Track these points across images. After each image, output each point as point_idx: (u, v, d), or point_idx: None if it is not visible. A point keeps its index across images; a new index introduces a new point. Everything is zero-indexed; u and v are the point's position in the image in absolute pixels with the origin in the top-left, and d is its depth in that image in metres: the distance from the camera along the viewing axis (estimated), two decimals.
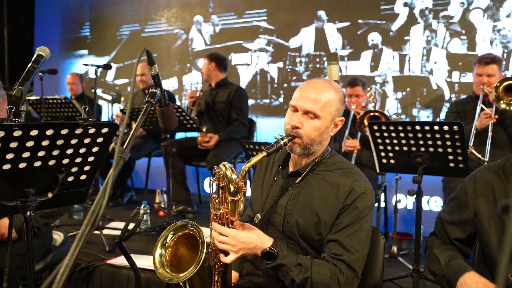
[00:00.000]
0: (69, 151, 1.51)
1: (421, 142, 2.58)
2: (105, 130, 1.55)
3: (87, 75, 6.08)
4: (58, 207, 2.06)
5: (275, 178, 1.75)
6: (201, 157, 4.25)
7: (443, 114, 4.04)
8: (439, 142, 2.54)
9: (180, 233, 1.61)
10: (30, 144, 1.39)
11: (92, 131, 1.51)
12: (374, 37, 4.48)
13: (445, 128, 2.49)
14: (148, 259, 2.83)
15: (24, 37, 7.09)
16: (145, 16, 5.97)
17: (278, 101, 5.08)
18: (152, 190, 4.89)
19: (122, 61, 6.17)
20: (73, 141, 1.50)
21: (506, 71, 3.93)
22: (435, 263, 1.67)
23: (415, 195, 2.75)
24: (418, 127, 2.56)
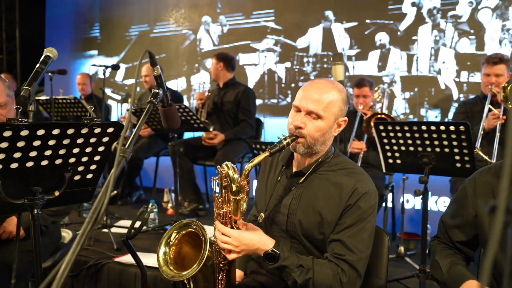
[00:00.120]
0: (75, 150, 1.54)
1: (427, 142, 2.57)
2: (110, 130, 1.58)
3: (96, 75, 6.14)
4: (65, 205, 2.10)
5: (279, 178, 1.76)
6: (209, 156, 4.27)
7: (452, 114, 4.01)
8: (445, 142, 2.53)
9: (184, 231, 1.63)
10: (37, 143, 1.42)
11: (97, 130, 1.54)
12: (382, 37, 4.46)
13: (451, 128, 2.48)
14: (155, 257, 2.84)
15: (35, 37, 7.19)
16: (154, 16, 6.01)
17: (285, 101, 5.08)
18: (160, 189, 4.93)
19: (131, 61, 6.23)
20: (79, 141, 1.52)
21: None
22: (437, 269, 1.66)
23: (422, 195, 2.73)
24: (424, 127, 2.55)
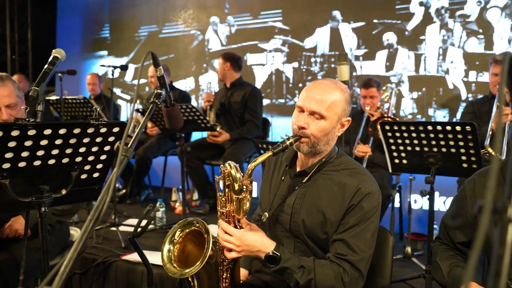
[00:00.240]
0: (81, 149, 1.57)
1: (433, 142, 2.56)
2: (116, 130, 1.61)
3: (106, 76, 6.21)
4: (73, 203, 2.13)
5: (282, 178, 1.77)
6: (216, 156, 4.29)
7: (460, 114, 3.99)
8: (451, 143, 2.52)
9: (188, 230, 1.65)
10: (44, 142, 1.45)
11: (103, 130, 1.57)
12: (389, 37, 4.44)
13: (457, 128, 2.47)
14: None
15: (47, 39, 7.30)
16: (162, 17, 6.06)
17: (293, 100, 5.09)
18: (168, 188, 4.97)
19: (140, 61, 6.27)
20: (86, 140, 1.56)
21: None
22: (438, 271, 1.67)
23: (428, 196, 2.72)
24: (430, 127, 2.54)
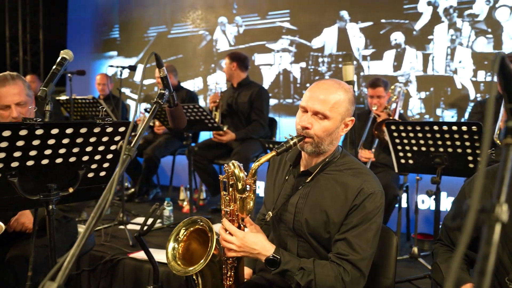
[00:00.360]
0: (88, 148, 1.61)
1: (439, 142, 2.56)
2: (122, 129, 1.64)
3: (116, 76, 6.27)
4: (80, 201, 2.17)
5: (286, 177, 1.78)
6: (223, 155, 4.31)
7: (468, 114, 3.96)
8: (458, 143, 2.52)
9: (192, 228, 1.67)
10: (51, 142, 1.49)
11: (109, 130, 1.60)
12: (397, 37, 4.43)
13: (463, 128, 2.46)
14: None
15: (58, 39, 7.40)
16: (171, 18, 6.10)
17: (300, 100, 5.08)
18: (176, 187, 5.01)
19: (149, 62, 6.31)
20: (92, 139, 1.59)
21: None
22: (437, 272, 1.67)
23: (434, 196, 2.72)
24: (436, 127, 2.53)
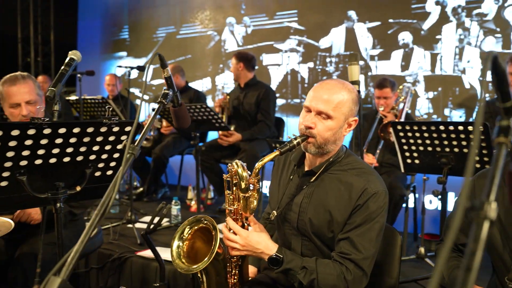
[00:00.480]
0: (95, 148, 1.64)
1: (445, 142, 2.56)
2: (128, 129, 1.67)
3: (125, 76, 6.32)
4: (87, 200, 2.21)
5: (291, 177, 1.79)
6: (231, 155, 4.33)
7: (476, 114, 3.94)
8: (464, 143, 2.51)
9: (196, 227, 1.70)
10: (59, 141, 1.52)
11: (116, 129, 1.63)
12: (405, 36, 4.41)
13: (469, 128, 2.46)
14: None
15: (68, 40, 7.49)
16: (180, 18, 6.15)
17: None
18: (184, 187, 5.04)
19: (158, 62, 6.36)
20: (99, 139, 1.62)
21: None
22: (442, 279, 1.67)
23: (440, 196, 2.72)
24: (442, 127, 2.53)
